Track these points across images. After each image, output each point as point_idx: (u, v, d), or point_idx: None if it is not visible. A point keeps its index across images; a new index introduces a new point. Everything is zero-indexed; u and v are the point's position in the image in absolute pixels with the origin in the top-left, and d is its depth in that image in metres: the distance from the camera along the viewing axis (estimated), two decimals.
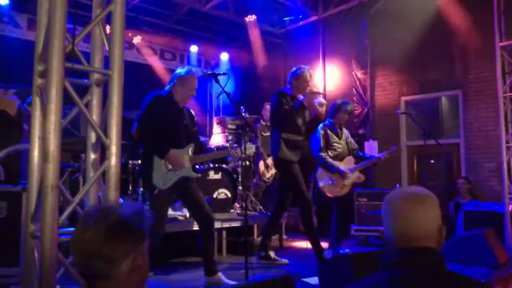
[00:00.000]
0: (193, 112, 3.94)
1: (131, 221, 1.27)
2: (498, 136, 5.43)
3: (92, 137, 2.02)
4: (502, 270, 3.87)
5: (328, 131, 5.09)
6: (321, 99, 4.57)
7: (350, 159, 5.17)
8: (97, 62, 2.10)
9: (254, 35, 7.91)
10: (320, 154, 5.01)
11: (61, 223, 1.72)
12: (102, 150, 1.93)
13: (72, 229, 1.67)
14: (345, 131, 5.31)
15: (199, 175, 3.99)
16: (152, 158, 3.51)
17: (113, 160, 1.79)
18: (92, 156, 2.01)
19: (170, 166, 3.54)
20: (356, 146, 5.39)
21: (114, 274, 1.19)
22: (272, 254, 4.62)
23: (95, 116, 2.05)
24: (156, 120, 3.50)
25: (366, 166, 5.23)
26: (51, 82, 1.72)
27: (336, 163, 5.02)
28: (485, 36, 5.65)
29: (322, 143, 5.03)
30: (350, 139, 5.33)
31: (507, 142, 5.27)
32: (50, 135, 1.69)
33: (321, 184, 5.06)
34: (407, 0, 6.59)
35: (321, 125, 5.09)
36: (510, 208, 5.13)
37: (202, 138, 6.21)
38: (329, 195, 5.06)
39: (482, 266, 3.87)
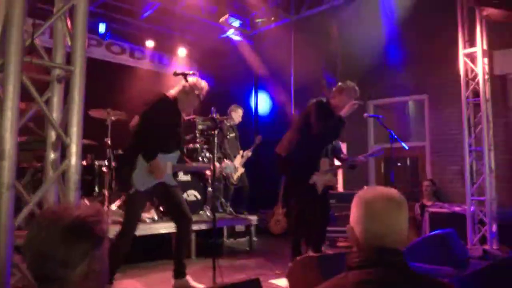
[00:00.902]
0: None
1: (89, 223, 1.21)
2: (461, 140, 5.61)
3: (52, 135, 1.94)
4: (463, 269, 3.99)
5: None
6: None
7: (324, 161, 5.19)
8: (59, 57, 2.02)
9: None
10: None
11: (17, 224, 1.64)
12: (63, 148, 1.86)
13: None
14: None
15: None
16: (137, 158, 3.43)
17: (73, 159, 1.73)
18: (52, 155, 1.93)
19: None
20: (340, 147, 5.40)
21: (68, 278, 1.13)
22: None
23: (55, 114, 1.96)
24: (157, 121, 3.44)
25: (337, 170, 5.29)
26: (8, 77, 1.64)
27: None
28: (449, 42, 5.82)
29: None
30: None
31: (470, 146, 5.44)
32: (6, 132, 1.61)
33: None
34: (376, 6, 6.73)
35: None
36: (472, 210, 5.30)
37: None
38: None
39: (446, 265, 3.97)
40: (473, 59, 5.49)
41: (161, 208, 4.98)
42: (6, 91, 1.67)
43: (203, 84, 3.66)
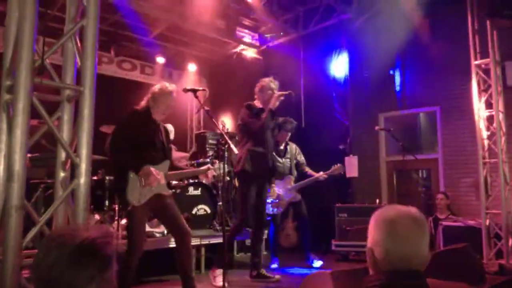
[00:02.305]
0: (170, 128, 3.89)
1: (97, 245, 1.20)
2: (474, 152, 5.52)
3: (62, 155, 1.95)
4: (479, 285, 3.89)
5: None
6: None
7: (289, 178, 5.30)
8: (69, 77, 2.04)
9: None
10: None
11: (25, 245, 1.64)
12: (72, 167, 1.86)
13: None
14: (293, 147, 5.49)
15: (173, 191, 3.91)
16: (127, 173, 3.42)
17: (82, 179, 1.73)
18: (62, 174, 1.93)
19: (144, 182, 3.45)
20: (304, 161, 5.49)
21: None
22: (264, 271, 4.53)
23: (66, 133, 1.98)
24: (131, 135, 3.43)
25: (305, 186, 5.35)
26: (18, 98, 1.66)
27: (275, 182, 5.13)
28: (461, 54, 5.77)
29: None
30: (298, 156, 5.44)
31: (483, 158, 5.35)
32: (15, 153, 1.62)
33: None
34: (386, 18, 6.72)
35: None
36: (487, 224, 5.18)
37: (182, 154, 6.15)
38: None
39: (462, 281, 3.88)
40: (486, 70, 5.43)
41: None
42: (16, 111, 1.69)
43: (169, 88, 3.64)
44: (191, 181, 5.49)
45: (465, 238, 4.93)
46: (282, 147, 5.36)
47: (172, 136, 4.17)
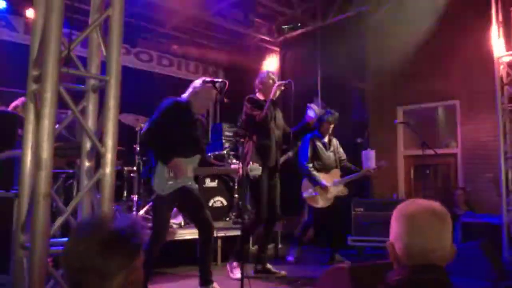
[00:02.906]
0: (204, 122, 3.93)
1: (126, 235, 1.22)
2: (495, 147, 5.42)
3: (87, 144, 1.96)
4: (500, 282, 3.84)
5: (316, 142, 5.14)
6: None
7: (336, 172, 5.24)
8: (94, 67, 2.06)
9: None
10: (306, 165, 5.06)
11: (53, 233, 1.66)
12: (97, 157, 1.88)
13: (64, 239, 1.62)
14: (334, 141, 5.35)
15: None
16: (156, 162, 3.47)
17: (108, 168, 1.74)
18: (87, 163, 1.95)
19: (172, 174, 3.48)
20: (344, 157, 5.41)
21: None
22: (269, 266, 4.54)
23: (90, 123, 1.99)
24: (168, 126, 3.47)
25: (352, 180, 5.24)
26: (45, 87, 1.67)
27: (321, 176, 5.04)
28: (483, 46, 5.65)
29: (309, 154, 5.08)
30: (339, 149, 5.36)
31: (505, 153, 5.25)
32: (43, 142, 1.64)
33: (304, 195, 5.14)
34: (405, 10, 6.60)
35: (309, 135, 5.13)
36: (507, 220, 5.10)
37: None
38: (312, 205, 5.14)
39: (481, 278, 3.84)
40: (509, 63, 5.31)
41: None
42: (44, 100, 1.70)
43: (209, 88, 3.65)
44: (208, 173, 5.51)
45: (484, 235, 4.87)
46: (326, 140, 5.25)
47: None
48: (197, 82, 3.70)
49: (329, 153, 5.24)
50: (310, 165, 5.07)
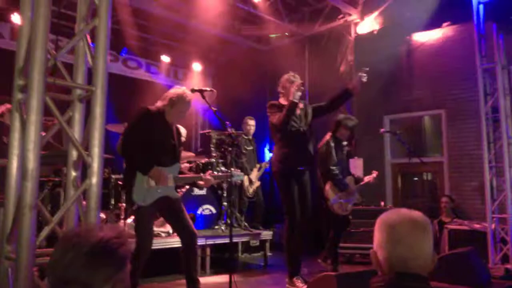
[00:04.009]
0: (182, 130, 3.86)
1: (112, 246, 1.21)
2: (480, 155, 5.51)
3: (73, 154, 1.95)
4: None
5: (333, 145, 4.97)
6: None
7: (351, 179, 5.15)
8: (80, 76, 2.05)
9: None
10: (334, 169, 4.82)
11: (39, 244, 1.64)
12: (84, 166, 1.87)
13: (50, 250, 1.60)
14: (345, 148, 5.26)
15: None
16: (134, 173, 3.41)
17: (94, 179, 1.73)
18: (73, 173, 1.94)
19: (152, 183, 3.44)
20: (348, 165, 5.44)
21: None
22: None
23: (77, 132, 1.98)
24: (142, 135, 3.41)
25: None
26: (31, 97, 1.67)
27: (346, 182, 4.96)
28: (467, 57, 5.77)
29: (333, 158, 4.85)
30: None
31: (489, 162, 5.34)
32: (29, 152, 1.63)
33: (333, 202, 4.87)
34: (390, 20, 6.72)
35: (330, 139, 4.98)
36: (493, 228, 5.17)
37: (188, 153, 6.15)
38: (339, 213, 4.92)
39: (467, 285, 3.87)
40: (492, 74, 5.42)
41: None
42: (29, 110, 1.69)
43: (189, 97, 3.59)
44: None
45: (470, 242, 4.92)
46: (343, 143, 5.10)
47: (183, 138, 4.15)
48: (175, 91, 3.59)
49: (345, 159, 5.17)
50: (334, 167, 4.80)
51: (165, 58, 8.33)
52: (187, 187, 5.32)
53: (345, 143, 5.16)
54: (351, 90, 4.29)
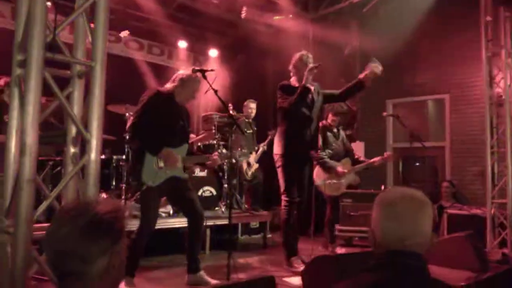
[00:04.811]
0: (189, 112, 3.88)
1: (108, 219, 1.22)
2: (482, 141, 5.48)
3: (72, 130, 1.95)
4: (482, 273, 3.91)
5: (327, 131, 5.17)
6: None
7: (347, 161, 5.26)
8: (80, 53, 2.04)
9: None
10: (319, 153, 4.97)
11: (36, 218, 1.66)
12: (83, 143, 1.87)
13: (48, 224, 1.62)
14: (341, 132, 5.40)
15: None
16: (144, 154, 3.44)
17: (93, 154, 1.74)
18: (72, 150, 1.94)
19: (161, 164, 3.46)
20: (352, 148, 5.47)
21: (88, 273, 1.15)
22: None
23: (76, 109, 1.98)
24: (152, 117, 3.44)
25: (362, 169, 5.31)
26: (30, 72, 1.66)
27: (334, 163, 5.05)
28: (473, 42, 5.69)
29: (320, 142, 4.99)
30: (347, 141, 5.42)
31: (492, 147, 5.32)
32: (27, 127, 1.63)
33: (318, 183, 5.09)
34: (396, 4, 6.62)
35: (320, 124, 5.05)
36: (492, 212, 5.18)
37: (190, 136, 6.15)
38: (327, 193, 5.12)
39: (464, 269, 3.90)
40: (497, 59, 5.35)
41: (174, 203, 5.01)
42: (28, 86, 1.69)
43: (199, 76, 3.61)
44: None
45: (469, 227, 4.93)
46: (335, 130, 5.30)
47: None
48: (184, 72, 3.65)
49: (339, 142, 5.31)
50: (323, 153, 5.03)
51: (168, 40, 8.26)
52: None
53: (337, 129, 5.35)
54: (363, 82, 4.23)
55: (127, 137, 5.25)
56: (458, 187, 6.27)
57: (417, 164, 7.35)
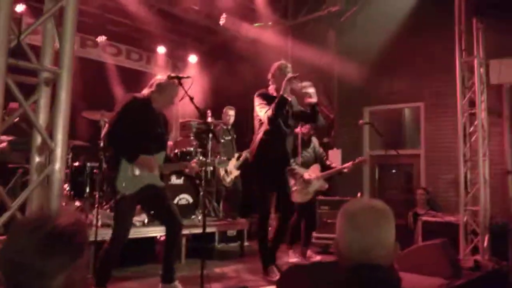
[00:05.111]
0: (167, 118, 3.81)
1: (69, 233, 1.17)
2: (456, 148, 5.58)
3: (38, 139, 1.89)
4: (455, 280, 3.97)
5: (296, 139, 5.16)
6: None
7: (316, 167, 5.28)
8: (47, 58, 1.97)
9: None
10: None
11: None
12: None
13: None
14: (313, 140, 5.45)
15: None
16: (119, 161, 3.35)
17: (57, 164, 1.68)
18: (37, 159, 1.88)
19: (137, 172, 3.39)
20: (324, 154, 5.52)
21: None
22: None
23: (43, 117, 1.92)
24: (128, 123, 3.35)
25: (331, 175, 5.31)
26: None
27: (301, 170, 5.07)
28: (447, 52, 5.81)
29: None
30: (318, 148, 5.45)
31: (464, 155, 5.42)
32: None
33: None
34: (373, 13, 6.73)
35: None
36: (465, 220, 5.27)
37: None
38: (294, 200, 5.09)
39: (437, 276, 3.95)
40: (470, 68, 5.47)
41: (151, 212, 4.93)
42: None
43: (176, 82, 3.54)
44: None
45: (443, 234, 5.01)
46: (306, 138, 5.34)
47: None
48: (162, 77, 3.59)
49: (309, 150, 5.34)
50: (292, 159, 5.02)
51: (146, 45, 8.20)
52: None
53: (308, 138, 5.38)
54: (313, 105, 4.24)
55: (102, 144, 5.16)
56: (432, 194, 6.36)
57: (393, 171, 7.45)
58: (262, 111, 4.10)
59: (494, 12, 4.94)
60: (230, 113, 6.44)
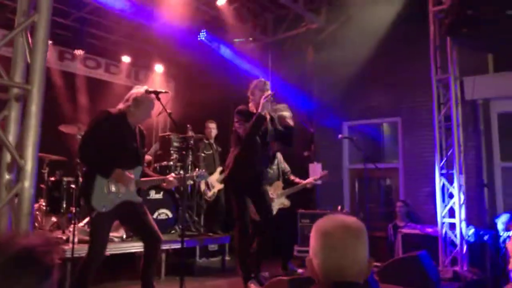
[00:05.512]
0: (144, 132, 3.75)
1: (37, 254, 1.14)
2: (433, 162, 5.69)
3: (7, 156, 1.84)
4: None
5: None
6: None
7: (278, 185, 5.30)
8: (19, 73, 1.94)
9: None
10: None
11: None
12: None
13: None
14: (278, 155, 5.44)
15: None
16: (94, 178, 3.28)
17: (27, 182, 1.64)
18: (6, 176, 1.83)
19: (113, 188, 3.33)
20: (288, 169, 5.50)
21: None
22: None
23: (13, 133, 1.87)
24: (102, 139, 3.29)
25: (294, 192, 5.32)
26: None
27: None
28: (423, 69, 5.94)
29: None
30: (282, 164, 5.43)
31: (441, 168, 5.52)
32: None
33: None
34: (352, 30, 6.86)
35: None
36: (443, 231, 5.35)
37: (146, 157, 6.01)
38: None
39: (418, 287, 3.97)
40: (445, 84, 5.62)
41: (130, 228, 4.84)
42: None
43: (153, 96, 3.51)
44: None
45: (423, 245, 5.07)
46: (271, 154, 5.23)
47: None
48: (138, 92, 3.52)
49: (273, 167, 5.31)
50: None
51: (126, 59, 8.15)
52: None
53: (273, 154, 5.33)
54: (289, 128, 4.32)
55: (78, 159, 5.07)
56: (411, 206, 6.44)
57: (373, 184, 7.53)
58: (240, 128, 4.11)
59: (467, 31, 5.08)
60: (211, 126, 6.41)
